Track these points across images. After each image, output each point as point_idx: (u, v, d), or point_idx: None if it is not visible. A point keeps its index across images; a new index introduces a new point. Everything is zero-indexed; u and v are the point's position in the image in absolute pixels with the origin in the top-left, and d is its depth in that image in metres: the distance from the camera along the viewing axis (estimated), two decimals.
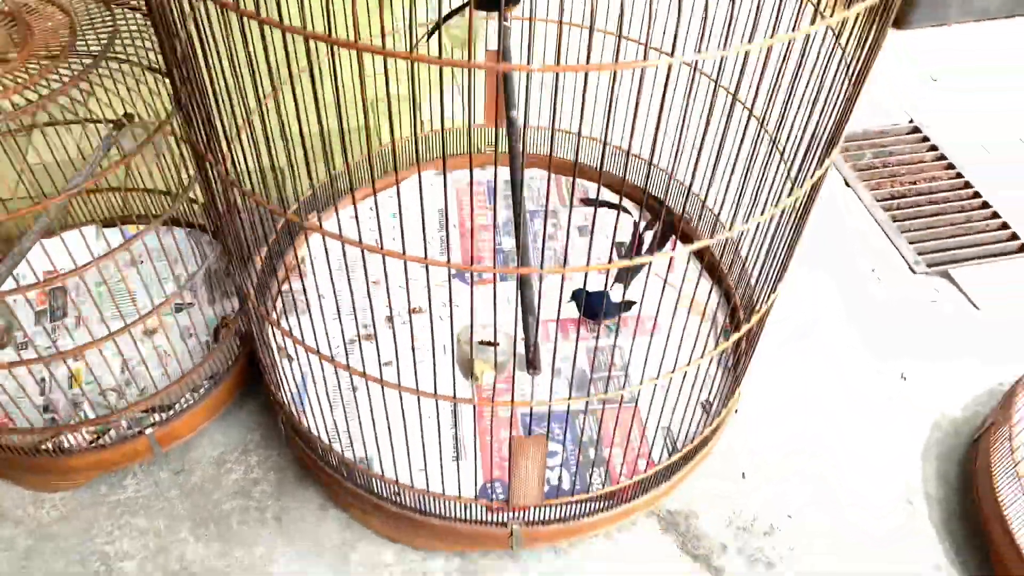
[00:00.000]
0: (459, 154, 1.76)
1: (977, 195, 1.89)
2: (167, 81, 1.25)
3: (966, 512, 1.37)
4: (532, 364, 1.40)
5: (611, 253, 1.63)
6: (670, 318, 1.33)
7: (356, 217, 0.87)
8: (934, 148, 2.01)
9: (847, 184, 1.92)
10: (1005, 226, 1.83)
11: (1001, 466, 1.29)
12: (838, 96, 0.99)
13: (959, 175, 1.94)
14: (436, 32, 1.43)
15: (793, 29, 0.78)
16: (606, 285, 1.43)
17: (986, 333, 1.63)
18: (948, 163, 1.97)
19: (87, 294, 1.52)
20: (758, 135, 1.04)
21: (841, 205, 1.88)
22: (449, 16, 1.41)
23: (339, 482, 1.29)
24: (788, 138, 1.04)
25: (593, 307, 1.44)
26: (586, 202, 1.73)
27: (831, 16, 0.83)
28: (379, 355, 1.04)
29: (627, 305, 1.47)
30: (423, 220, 0.85)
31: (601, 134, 0.94)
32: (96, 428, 1.33)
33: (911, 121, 2.08)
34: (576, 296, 1.44)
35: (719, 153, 0.92)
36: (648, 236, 1.66)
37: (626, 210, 1.69)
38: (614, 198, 1.71)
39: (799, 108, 0.99)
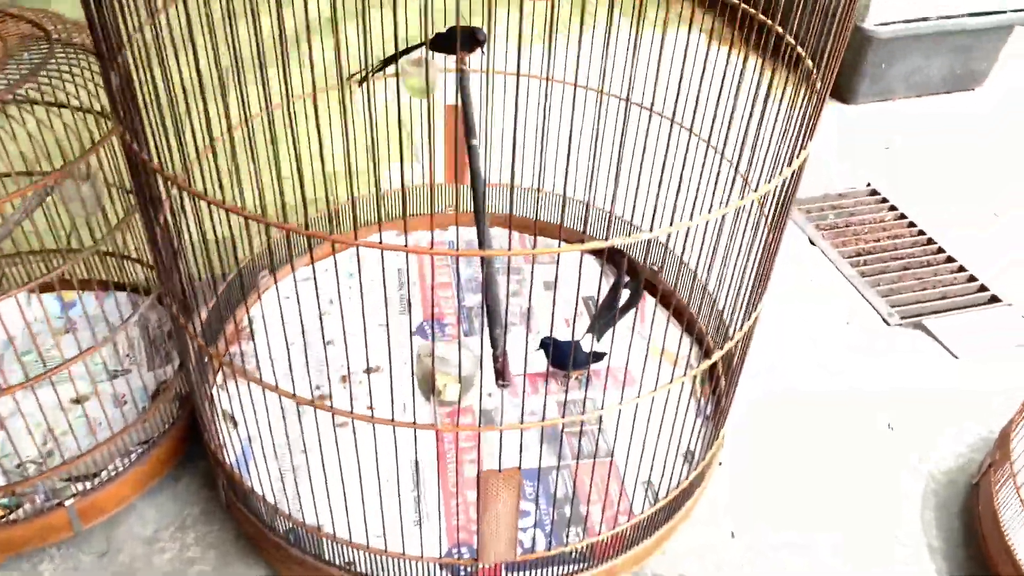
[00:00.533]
0: (420, 214, 1.70)
1: (941, 250, 1.88)
2: (99, 121, 1.19)
3: (972, 559, 1.26)
4: (501, 375, 1.28)
5: (576, 306, 1.55)
6: (642, 367, 1.27)
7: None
8: (893, 208, 2.01)
9: (812, 243, 1.90)
10: (972, 279, 1.80)
11: (1006, 505, 1.20)
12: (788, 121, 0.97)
13: (921, 232, 1.93)
14: (385, 68, 1.40)
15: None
16: (572, 334, 1.35)
17: (968, 381, 1.57)
18: (909, 221, 1.96)
19: (11, 361, 1.40)
20: (719, 166, 1.02)
21: (807, 262, 1.85)
22: (399, 55, 1.39)
23: (286, 551, 1.15)
24: (741, 153, 1.01)
25: (562, 356, 1.36)
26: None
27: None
28: (334, 417, 0.94)
29: (597, 356, 1.39)
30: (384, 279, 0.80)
31: (559, 187, 0.91)
32: (7, 500, 1.18)
33: (868, 184, 2.10)
34: (545, 345, 1.36)
35: (678, 190, 0.90)
36: (625, 293, 1.57)
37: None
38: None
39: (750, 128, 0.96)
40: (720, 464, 1.37)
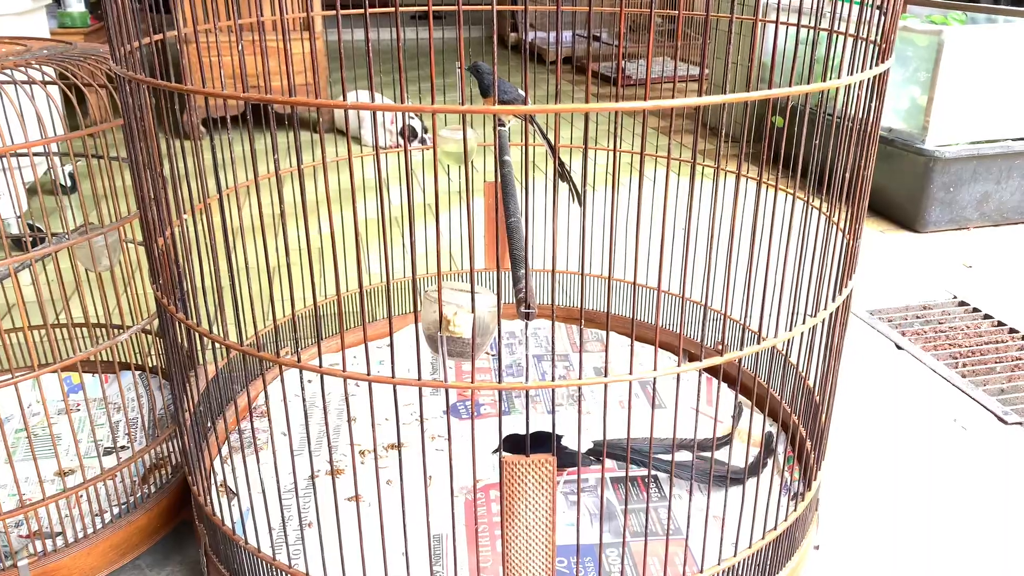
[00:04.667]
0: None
1: None
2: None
3: None
4: (526, 304, 1.00)
5: (629, 395, 1.37)
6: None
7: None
8: (988, 317, 1.80)
9: (899, 347, 1.69)
10: None
11: None
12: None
13: None
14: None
15: None
16: (579, 430, 1.07)
17: None
18: (1010, 328, 1.75)
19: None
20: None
21: (895, 366, 1.63)
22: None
23: None
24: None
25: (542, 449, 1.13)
26: None
27: None
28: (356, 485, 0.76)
29: (594, 454, 1.17)
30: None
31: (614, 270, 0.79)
32: None
33: (955, 297, 1.91)
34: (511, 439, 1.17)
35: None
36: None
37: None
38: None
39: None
40: (817, 548, 1.09)
